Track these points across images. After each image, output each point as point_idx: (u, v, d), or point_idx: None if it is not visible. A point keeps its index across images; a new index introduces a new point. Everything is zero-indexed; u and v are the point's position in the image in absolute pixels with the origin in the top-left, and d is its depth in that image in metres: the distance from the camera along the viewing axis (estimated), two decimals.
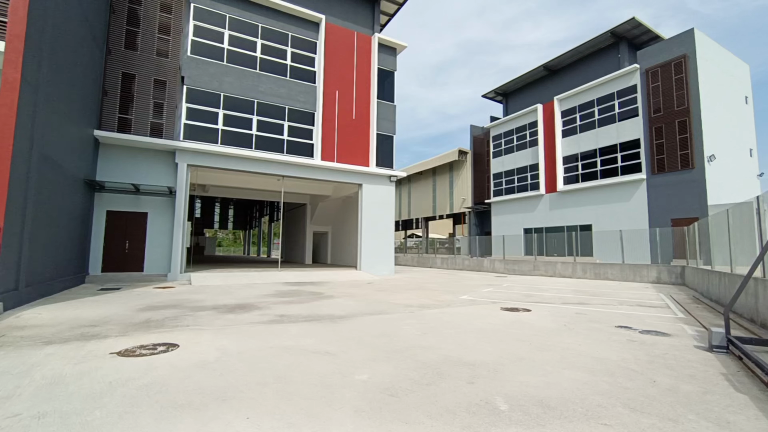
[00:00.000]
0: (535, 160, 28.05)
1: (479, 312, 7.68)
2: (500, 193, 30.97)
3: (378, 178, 18.39)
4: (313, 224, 25.52)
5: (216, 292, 10.35)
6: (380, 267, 18.07)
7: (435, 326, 6.17)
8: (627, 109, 22.83)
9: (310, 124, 17.17)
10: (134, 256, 13.94)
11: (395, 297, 9.96)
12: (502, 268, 21.69)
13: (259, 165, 15.70)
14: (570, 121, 26.01)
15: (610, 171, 23.30)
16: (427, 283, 14.26)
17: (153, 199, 14.28)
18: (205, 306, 7.94)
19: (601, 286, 13.87)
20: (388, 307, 8.13)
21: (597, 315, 7.46)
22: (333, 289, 11.61)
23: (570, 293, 11.28)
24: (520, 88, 31.64)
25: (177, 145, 14.01)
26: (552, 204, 26.78)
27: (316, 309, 7.77)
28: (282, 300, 9.03)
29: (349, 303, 8.72)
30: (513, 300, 9.65)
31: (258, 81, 16.09)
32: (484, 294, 10.97)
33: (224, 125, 15.32)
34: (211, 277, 13.71)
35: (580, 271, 17.57)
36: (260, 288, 11.74)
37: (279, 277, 14.69)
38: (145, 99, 14.04)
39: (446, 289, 12.10)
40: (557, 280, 16.31)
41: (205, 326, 5.91)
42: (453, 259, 25.86)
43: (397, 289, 12.13)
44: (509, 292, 11.46)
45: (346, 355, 4.44)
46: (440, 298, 9.79)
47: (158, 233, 14.20)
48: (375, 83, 18.70)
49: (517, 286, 13.72)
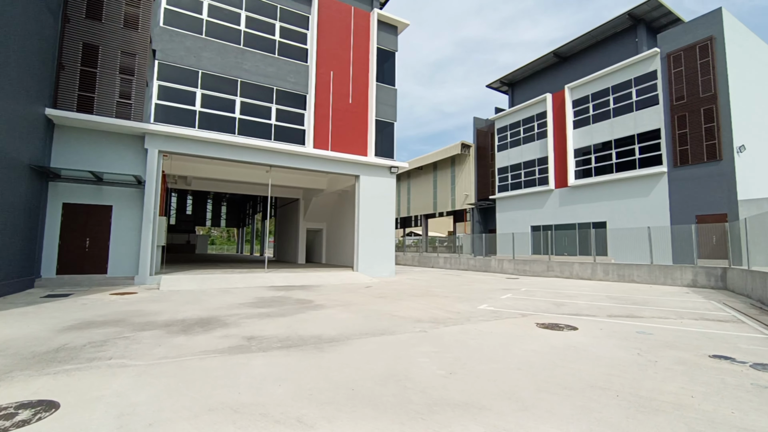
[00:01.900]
0: (544, 153, 26.32)
1: (511, 331, 5.91)
2: (506, 189, 29.24)
3: (377, 168, 16.58)
4: (306, 221, 23.69)
5: (182, 301, 8.53)
6: (379, 268, 16.29)
7: (460, 357, 4.39)
8: (646, 97, 21.09)
9: (302, 107, 15.32)
10: (96, 255, 12.09)
11: (399, 306, 8.19)
12: (512, 268, 19.95)
13: (243, 153, 13.86)
14: (582, 111, 24.27)
15: (627, 164, 21.59)
16: (434, 287, 12.50)
17: (119, 190, 12.42)
18: (155, 322, 6.13)
19: (632, 290, 12.15)
20: (391, 323, 6.35)
21: (667, 336, 5.71)
22: (325, 296, 9.82)
23: (605, 300, 9.53)
24: (527, 77, 29.86)
25: (147, 128, 12.15)
26: (562, 200, 25.07)
27: (299, 326, 5.98)
28: (259, 311, 7.23)
29: (342, 316, 6.93)
30: (543, 311, 7.89)
31: (242, 58, 14.23)
32: (505, 302, 9.20)
33: (202, 107, 13.46)
34: (185, 281, 11.88)
35: (600, 272, 15.85)
36: (238, 294, 9.92)
37: (265, 280, 12.88)
38: (110, 75, 12.16)
39: (458, 296, 10.34)
40: (578, 284, 14.58)
41: (134, 359, 4.11)
42: (457, 259, 24.11)
43: (399, 294, 10.35)
44: (533, 300, 9.70)
45: (331, 428, 2.66)
46: (455, 309, 8.01)
47: (125, 229, 12.36)
48: (374, 64, 16.86)
49: (538, 290, 11.98)
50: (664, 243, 17.69)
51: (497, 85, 31.44)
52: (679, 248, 18.57)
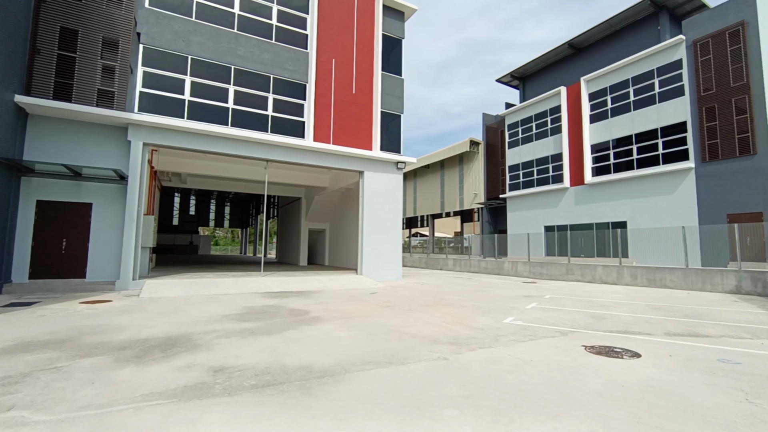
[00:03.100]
0: (558, 150, 24.93)
1: (557, 358, 4.64)
2: (517, 187, 27.87)
3: (382, 164, 15.34)
4: (308, 221, 22.51)
5: (157, 312, 7.35)
6: (385, 271, 15.04)
7: (502, 409, 3.14)
8: (670, 88, 19.66)
9: (301, 98, 14.14)
10: (74, 258, 10.97)
11: (409, 320, 6.94)
12: (527, 271, 18.62)
13: (237, 146, 12.69)
14: (599, 105, 22.86)
15: (650, 159, 20.15)
16: (446, 294, 11.23)
17: (99, 187, 11.31)
18: (109, 344, 4.94)
19: (670, 298, 10.79)
20: (402, 345, 5.12)
21: (762, 366, 4.41)
22: (323, 305, 8.61)
23: (649, 312, 8.22)
24: (539, 71, 28.47)
25: (130, 118, 11.02)
26: (578, 198, 23.66)
27: (285, 350, 4.76)
28: (242, 327, 6.02)
29: (341, 334, 5.70)
30: (583, 327, 6.60)
31: (236, 43, 13.08)
32: (533, 314, 7.92)
33: (192, 95, 12.32)
34: (170, 287, 10.72)
35: (627, 276, 14.46)
36: (226, 303, 8.73)
37: (260, 285, 11.69)
38: (90, 61, 11.07)
39: (475, 304, 9.07)
40: (604, 289, 13.23)
41: (42, 410, 2.91)
42: (467, 261, 22.79)
43: (409, 303, 9.11)
44: (565, 311, 8.40)
45: None
46: (476, 323, 6.76)
47: (106, 229, 11.23)
48: (379, 52, 15.64)
49: (564, 298, 10.67)
50: (691, 244, 16.21)
51: (507, 79, 30.10)
52: (709, 250, 17.14)
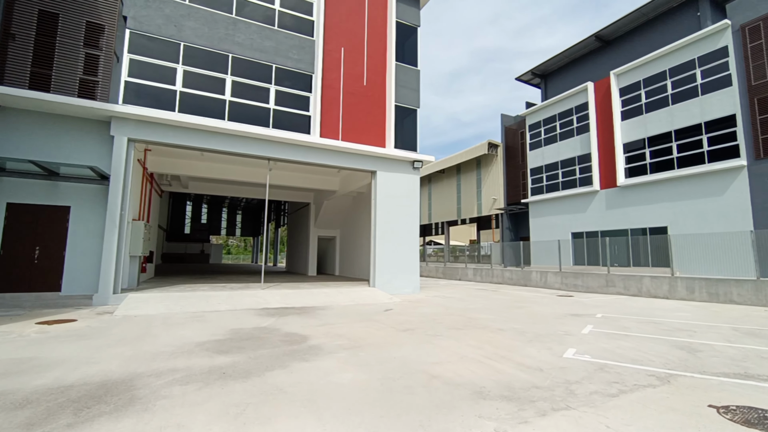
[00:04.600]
0: (586, 150, 23.03)
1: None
2: (540, 191, 25.96)
3: (397, 163, 13.79)
4: (317, 228, 21.05)
5: (117, 338, 5.87)
6: (400, 282, 13.40)
7: None
8: (714, 79, 17.69)
9: (307, 90, 12.76)
10: (48, 268, 9.66)
11: (438, 352, 5.30)
12: (559, 282, 16.72)
13: (235, 142, 11.32)
14: (632, 100, 20.96)
15: (693, 158, 18.13)
16: (475, 311, 9.53)
17: (79, 188, 10.03)
18: (12, 394, 3.44)
19: (754, 318, 8.87)
20: (433, 402, 3.49)
21: None
22: (327, 327, 7.02)
23: (743, 338, 6.39)
24: (562, 67, 26.69)
25: (113, 110, 9.74)
26: (610, 202, 21.67)
27: (256, 415, 3.18)
28: (212, 365, 4.47)
29: (345, 379, 4.10)
30: (679, 366, 4.85)
31: (234, 29, 11.80)
32: (596, 342, 6.18)
33: (184, 86, 11.03)
34: (154, 302, 9.28)
35: (683, 289, 12.48)
36: (210, 324, 7.22)
37: (257, 300, 10.18)
38: (71, 47, 9.89)
39: (516, 327, 7.36)
40: (658, 305, 11.32)
41: None
42: (489, 271, 20.95)
43: (432, 325, 7.45)
44: (636, 338, 6.63)
45: None
46: (528, 359, 5.07)
47: (86, 236, 9.92)
48: (393, 40, 14.20)
49: (621, 317, 8.85)
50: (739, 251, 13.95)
51: (528, 77, 28.40)
52: None
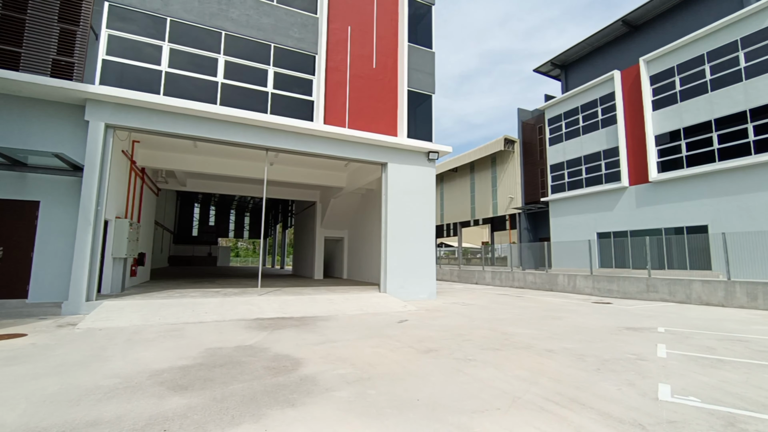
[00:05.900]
0: (613, 144, 21.30)
1: None
2: (561, 189, 24.26)
3: (410, 154, 12.37)
4: (323, 228, 19.71)
5: (57, 363, 4.51)
6: (415, 287, 11.93)
7: None
8: (760, 61, 15.92)
9: (309, 72, 11.43)
10: (13, 272, 8.44)
11: (476, 392, 3.85)
12: (590, 287, 15.08)
13: (229, 129, 10.03)
14: (665, 88, 19.22)
15: (737, 149, 16.33)
16: (506, 323, 8.03)
17: (50, 180, 8.82)
18: None
19: None
20: None
21: None
22: (328, 345, 5.62)
23: None
24: (584, 56, 25.02)
25: (88, 92, 8.51)
26: (640, 199, 19.91)
27: None
28: (151, 417, 3.07)
29: None
30: None
31: (228, 3, 10.54)
32: (690, 375, 4.65)
33: (170, 66, 9.78)
34: (130, 311, 7.97)
35: (743, 295, 10.78)
36: (184, 341, 5.86)
37: (251, 308, 8.82)
38: (44, 23, 8.72)
39: (567, 347, 5.85)
40: (718, 314, 9.67)
41: None
42: (509, 274, 19.35)
43: (459, 343, 5.99)
44: (733, 364, 5.06)
45: None
46: (612, 406, 3.59)
47: (58, 235, 8.69)
48: (405, 19, 12.83)
49: (692, 333, 7.26)
50: None
51: (547, 68, 26.77)
52: None
